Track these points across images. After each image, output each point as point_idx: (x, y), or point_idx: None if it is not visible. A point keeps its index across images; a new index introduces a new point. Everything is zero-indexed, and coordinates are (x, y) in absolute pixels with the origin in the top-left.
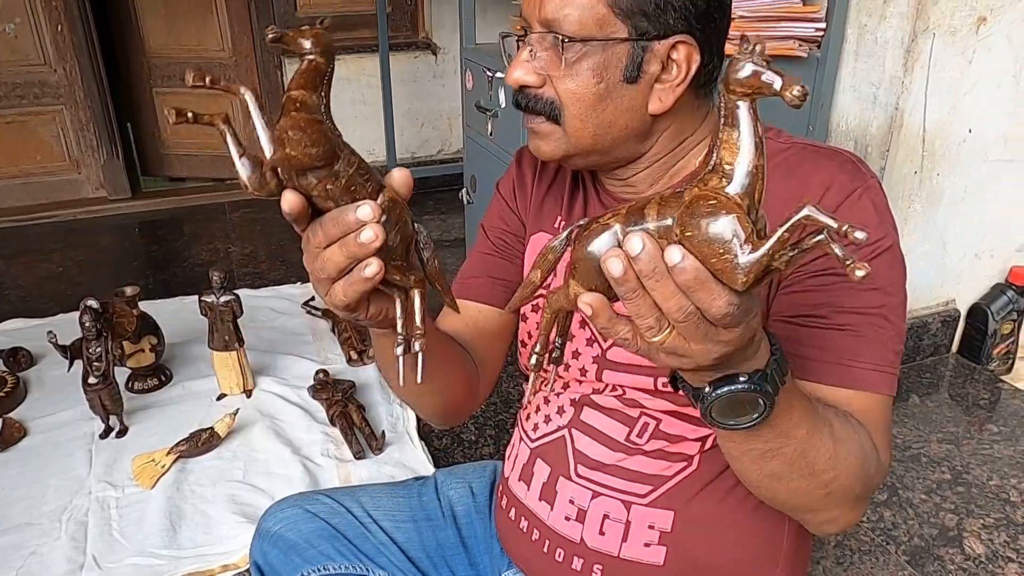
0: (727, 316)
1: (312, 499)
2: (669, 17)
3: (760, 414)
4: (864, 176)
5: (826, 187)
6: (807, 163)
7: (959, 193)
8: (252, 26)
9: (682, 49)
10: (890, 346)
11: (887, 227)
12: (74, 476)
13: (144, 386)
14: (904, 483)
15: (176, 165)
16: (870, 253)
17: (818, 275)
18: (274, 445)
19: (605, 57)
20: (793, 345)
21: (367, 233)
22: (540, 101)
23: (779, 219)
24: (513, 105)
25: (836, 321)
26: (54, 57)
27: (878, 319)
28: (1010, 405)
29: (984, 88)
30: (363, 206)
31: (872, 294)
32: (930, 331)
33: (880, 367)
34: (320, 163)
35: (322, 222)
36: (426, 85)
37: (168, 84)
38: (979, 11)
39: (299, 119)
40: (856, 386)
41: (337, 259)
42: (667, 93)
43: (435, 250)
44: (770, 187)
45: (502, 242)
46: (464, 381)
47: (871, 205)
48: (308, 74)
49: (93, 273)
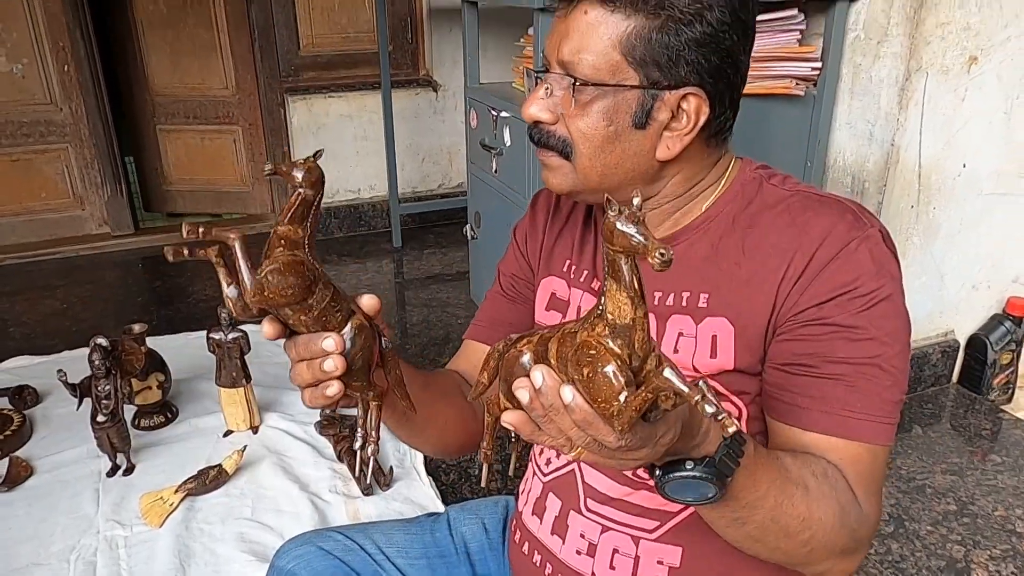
0: (621, 448)
1: (325, 536)
2: (681, 69)
3: (713, 495)
4: (863, 226)
5: (823, 237)
6: (808, 211)
7: (955, 226)
8: (256, 65)
9: (692, 100)
10: (886, 396)
11: (885, 277)
12: (82, 515)
13: (151, 423)
14: (910, 514)
15: (179, 201)
16: (864, 304)
17: (811, 324)
18: (282, 482)
19: (616, 102)
20: (785, 393)
21: (328, 364)
22: (552, 137)
23: (776, 262)
24: (528, 138)
25: (828, 371)
26: (60, 96)
27: (872, 369)
28: (1012, 435)
29: (977, 125)
30: (328, 338)
31: (867, 344)
32: (930, 361)
33: (873, 417)
34: (295, 300)
35: (295, 343)
36: (427, 121)
37: (172, 121)
38: (970, 51)
39: (280, 262)
40: (846, 435)
41: (305, 375)
42: (675, 141)
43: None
44: (770, 234)
45: (512, 287)
46: (463, 425)
47: (868, 255)
48: (296, 208)
49: (97, 309)
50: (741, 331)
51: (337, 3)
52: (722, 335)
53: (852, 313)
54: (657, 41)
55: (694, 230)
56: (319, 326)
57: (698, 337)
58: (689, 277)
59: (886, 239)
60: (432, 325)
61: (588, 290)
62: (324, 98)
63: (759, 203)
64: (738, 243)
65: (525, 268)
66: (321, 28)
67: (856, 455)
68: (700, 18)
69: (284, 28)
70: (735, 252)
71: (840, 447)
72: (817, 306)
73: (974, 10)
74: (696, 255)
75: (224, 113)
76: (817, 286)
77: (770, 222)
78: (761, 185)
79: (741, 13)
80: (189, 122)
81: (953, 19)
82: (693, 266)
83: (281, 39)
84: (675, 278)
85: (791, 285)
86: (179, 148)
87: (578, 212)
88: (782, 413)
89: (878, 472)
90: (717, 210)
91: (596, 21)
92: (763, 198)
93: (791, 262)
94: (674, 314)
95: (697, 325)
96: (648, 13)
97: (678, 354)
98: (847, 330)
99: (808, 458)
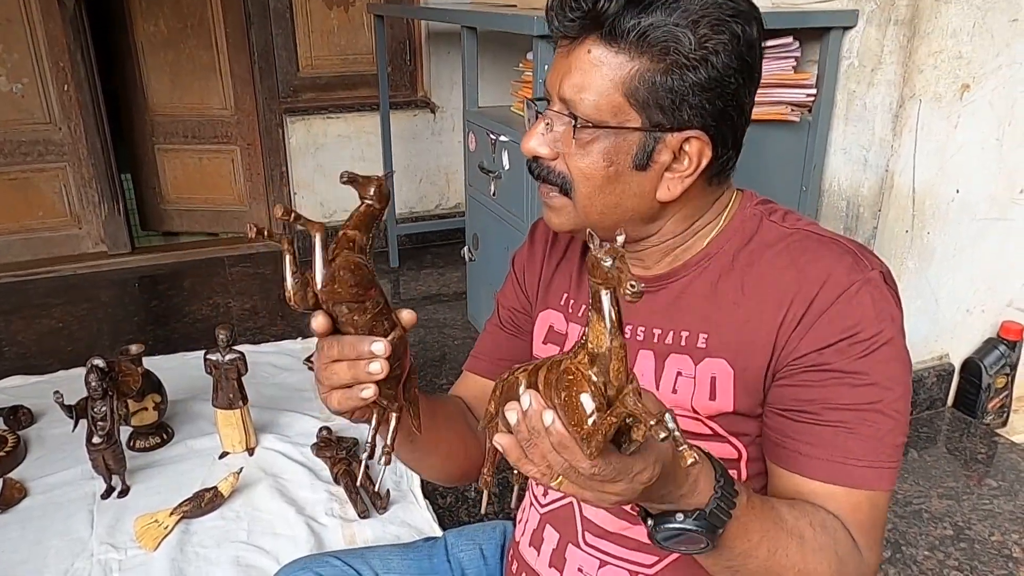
0: (595, 476)
1: (322, 561)
2: (684, 113)
3: (705, 546)
4: (863, 268)
5: (823, 281)
6: (808, 252)
7: (949, 250)
8: (255, 86)
9: (694, 143)
10: (887, 440)
11: (885, 321)
12: (76, 538)
13: (146, 444)
14: (907, 539)
15: (176, 220)
16: (865, 350)
17: (810, 370)
18: (278, 504)
19: (617, 143)
20: (787, 439)
21: (375, 366)
22: (552, 173)
23: (775, 305)
24: (528, 171)
25: (827, 418)
26: (59, 116)
27: (873, 414)
28: (1007, 459)
29: (970, 150)
30: (379, 342)
31: (867, 389)
32: (926, 385)
33: (875, 463)
34: (356, 299)
35: (342, 342)
36: (424, 142)
37: (171, 141)
38: (962, 79)
39: (351, 261)
40: (847, 483)
41: (343, 375)
42: (676, 183)
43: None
44: (769, 275)
45: (512, 320)
46: (466, 452)
47: (869, 299)
48: (364, 217)
49: (93, 328)
50: (740, 373)
51: (336, 25)
52: (721, 377)
53: (853, 359)
54: (661, 85)
55: (693, 267)
56: (367, 330)
57: (697, 378)
58: (688, 316)
59: (887, 280)
60: (429, 346)
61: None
62: (323, 119)
63: (759, 240)
64: (737, 283)
65: (523, 300)
66: (320, 50)
67: (857, 503)
68: (705, 63)
69: (283, 49)
70: (734, 292)
71: (841, 495)
72: (818, 351)
73: (966, 39)
74: (695, 293)
75: (222, 133)
76: (817, 331)
77: (769, 262)
78: (761, 222)
79: (748, 57)
80: (188, 141)
81: (945, 48)
82: (692, 305)
83: (280, 60)
84: (675, 316)
85: (791, 329)
86: (177, 167)
87: (576, 245)
88: (783, 459)
89: (879, 519)
90: (717, 247)
91: (599, 61)
92: (763, 235)
93: (791, 306)
94: (673, 353)
95: (696, 365)
96: (653, 56)
97: (676, 394)
98: (848, 376)
99: (807, 507)
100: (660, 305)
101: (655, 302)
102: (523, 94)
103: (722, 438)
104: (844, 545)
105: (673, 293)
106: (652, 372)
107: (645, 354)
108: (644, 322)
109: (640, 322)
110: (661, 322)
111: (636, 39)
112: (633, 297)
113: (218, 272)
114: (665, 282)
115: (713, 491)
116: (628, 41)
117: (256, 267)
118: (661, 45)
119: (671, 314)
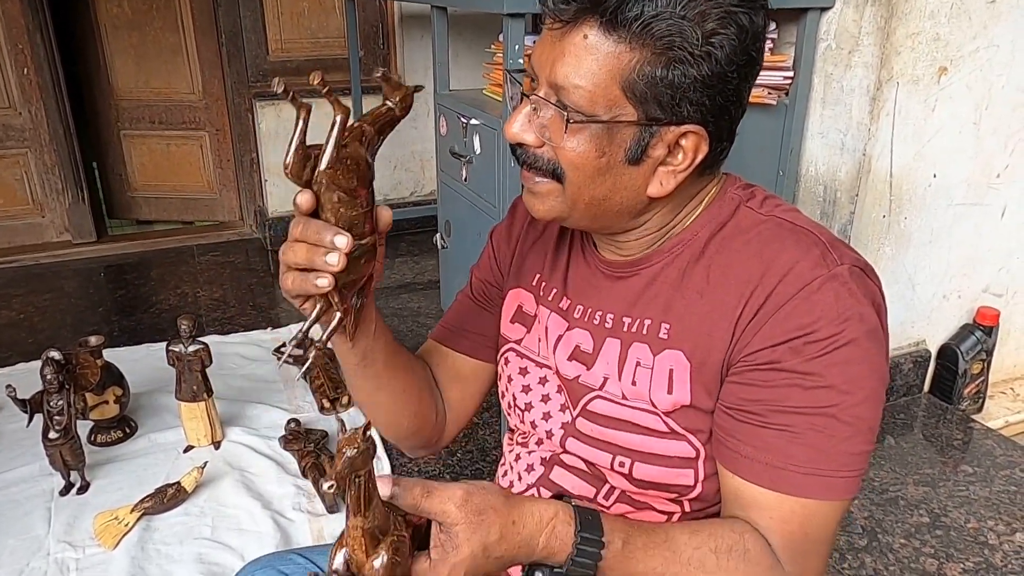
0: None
1: (285, 559)
2: (684, 109)
3: None
4: (830, 263)
5: (785, 273)
6: (776, 242)
7: (926, 236)
8: (223, 69)
9: (691, 138)
10: (841, 448)
11: (850, 321)
12: (32, 536)
13: (108, 439)
14: (883, 527)
15: (144, 208)
16: (821, 350)
17: (761, 368)
18: (244, 499)
19: (610, 135)
20: (730, 438)
21: (332, 257)
22: (541, 160)
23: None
24: (513, 158)
25: (773, 420)
26: (19, 100)
27: (825, 420)
28: (983, 445)
29: (947, 134)
30: (342, 236)
31: (820, 392)
32: (902, 371)
33: (819, 471)
34: (349, 193)
35: (309, 224)
36: (399, 128)
37: (137, 126)
38: (940, 61)
39: (360, 157)
40: (783, 490)
41: (301, 257)
42: (669, 178)
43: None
44: (735, 265)
45: (482, 291)
46: (419, 398)
47: (831, 296)
48: (384, 118)
49: (56, 320)
50: (697, 367)
51: (307, 7)
52: (678, 369)
53: (806, 359)
54: (661, 79)
55: (667, 253)
56: (347, 225)
57: (655, 369)
58: (654, 304)
59: (861, 277)
60: (403, 335)
61: (556, 310)
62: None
63: (733, 227)
64: (704, 271)
65: (497, 274)
66: (290, 32)
67: (789, 512)
68: (709, 57)
69: (252, 32)
70: (700, 281)
71: (774, 502)
72: (771, 348)
73: (943, 21)
74: (665, 280)
75: (190, 118)
76: (773, 326)
77: (737, 250)
78: (738, 207)
79: (752, 51)
80: (154, 127)
81: (923, 29)
82: (660, 292)
83: (249, 43)
84: (642, 303)
85: (747, 322)
86: (144, 154)
87: (553, 226)
88: (725, 459)
89: (818, 532)
90: (691, 233)
91: (596, 48)
92: (737, 222)
93: (750, 297)
94: (635, 341)
95: (655, 356)
96: (655, 49)
97: (636, 386)
98: (800, 377)
99: (715, 531)
100: (632, 292)
101: (628, 288)
102: (495, 76)
103: (679, 436)
104: (759, 566)
105: (644, 280)
106: (616, 361)
107: (612, 342)
108: (613, 309)
109: (609, 308)
110: (629, 309)
111: (639, 29)
112: None
113: (187, 261)
114: (638, 268)
115: (571, 548)
116: (630, 30)
117: (226, 255)
118: (666, 39)
119: (639, 301)
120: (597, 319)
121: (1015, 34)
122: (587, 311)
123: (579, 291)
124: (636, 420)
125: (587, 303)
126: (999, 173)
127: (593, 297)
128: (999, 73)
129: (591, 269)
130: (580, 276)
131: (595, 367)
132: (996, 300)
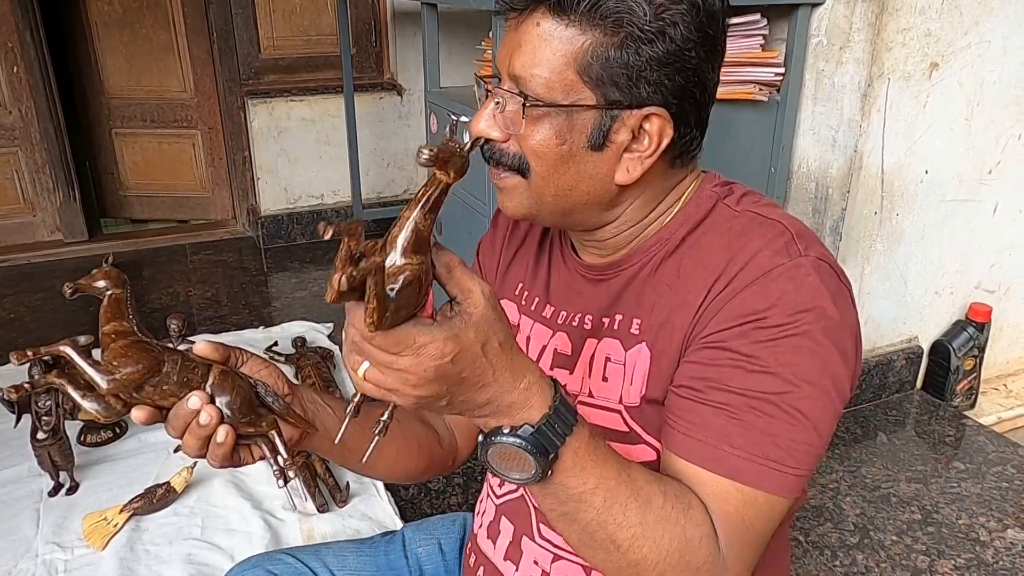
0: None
1: (275, 559)
2: (642, 90)
3: (535, 472)
4: (794, 253)
5: (747, 261)
6: (745, 235)
7: (918, 232)
8: (215, 67)
9: (655, 121)
10: (783, 436)
11: (807, 312)
12: (20, 538)
13: (97, 439)
14: (875, 524)
15: (136, 207)
16: (770, 336)
17: (708, 347)
18: (234, 500)
19: (570, 121)
20: (670, 415)
21: (203, 417)
22: (506, 155)
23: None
24: (482, 156)
25: (712, 398)
26: (9, 99)
27: (767, 406)
28: (975, 441)
29: (938, 130)
30: (192, 397)
31: (763, 377)
32: (895, 368)
33: (755, 458)
34: (148, 375)
35: (168, 420)
36: (391, 125)
37: (128, 125)
38: (931, 57)
39: (118, 347)
40: (715, 469)
41: (192, 443)
42: (635, 164)
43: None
44: (704, 258)
45: None
46: (418, 448)
47: (790, 285)
48: (112, 307)
49: (47, 320)
50: (657, 356)
51: (299, 5)
52: (640, 361)
53: (753, 343)
54: (615, 60)
55: (644, 253)
56: (186, 389)
57: (626, 364)
58: (629, 302)
59: (828, 271)
60: None
61: (539, 319)
62: (285, 101)
63: (708, 224)
64: (675, 265)
65: None
66: (282, 30)
67: (723, 492)
68: (663, 35)
69: (244, 30)
70: (671, 275)
71: (708, 481)
72: (722, 331)
73: (935, 16)
74: (641, 279)
75: (182, 117)
76: (728, 311)
77: (708, 245)
78: (715, 205)
79: (709, 28)
80: (146, 125)
81: (914, 25)
82: (635, 290)
83: (241, 41)
84: (618, 303)
85: (705, 308)
86: (136, 152)
87: (535, 233)
88: (666, 437)
89: (754, 521)
90: (668, 232)
91: (549, 35)
92: (713, 219)
93: (712, 286)
94: (608, 338)
95: (626, 352)
96: (606, 29)
97: (607, 382)
98: (743, 359)
99: (670, 480)
100: (611, 293)
101: (607, 290)
102: (484, 73)
103: (637, 438)
104: (699, 529)
105: (623, 280)
106: (590, 360)
107: (590, 343)
108: (592, 311)
109: (589, 311)
110: (608, 310)
111: (587, 10)
112: None
113: (180, 260)
114: (619, 269)
115: (548, 409)
116: (579, 13)
117: (219, 254)
118: (614, 17)
119: (615, 302)
120: (576, 322)
121: (1006, 30)
122: (570, 316)
123: (561, 296)
124: (598, 421)
125: (570, 308)
126: (991, 169)
127: (575, 301)
128: (990, 69)
129: (572, 274)
130: (562, 282)
131: (576, 370)
132: (988, 296)
